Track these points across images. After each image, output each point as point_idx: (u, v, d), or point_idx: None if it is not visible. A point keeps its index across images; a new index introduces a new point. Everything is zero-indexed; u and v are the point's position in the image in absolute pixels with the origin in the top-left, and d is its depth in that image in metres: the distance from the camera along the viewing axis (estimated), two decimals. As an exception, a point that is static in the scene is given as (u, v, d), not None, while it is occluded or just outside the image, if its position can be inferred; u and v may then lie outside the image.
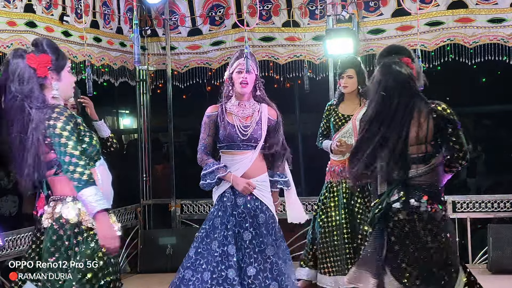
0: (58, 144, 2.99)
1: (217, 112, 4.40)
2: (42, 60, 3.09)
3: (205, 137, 4.43)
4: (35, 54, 3.10)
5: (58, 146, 2.99)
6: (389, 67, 3.62)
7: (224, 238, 4.22)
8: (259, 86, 4.43)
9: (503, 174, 8.10)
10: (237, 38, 7.19)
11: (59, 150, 2.99)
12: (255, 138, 4.29)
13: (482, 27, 6.39)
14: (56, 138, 2.99)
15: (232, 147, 4.34)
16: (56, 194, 3.16)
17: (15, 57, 3.08)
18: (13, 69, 3.06)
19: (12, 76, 3.05)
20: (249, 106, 4.37)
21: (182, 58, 7.47)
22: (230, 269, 4.11)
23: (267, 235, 4.21)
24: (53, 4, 6.10)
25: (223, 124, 4.33)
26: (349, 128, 5.36)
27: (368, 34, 6.78)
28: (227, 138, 4.33)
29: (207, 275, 4.15)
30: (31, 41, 3.22)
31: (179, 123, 7.91)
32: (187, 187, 8.61)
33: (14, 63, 3.07)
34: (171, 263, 6.74)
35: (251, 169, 4.32)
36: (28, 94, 3.04)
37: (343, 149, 5.23)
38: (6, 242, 5.47)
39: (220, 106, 4.42)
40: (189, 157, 8.85)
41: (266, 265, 4.13)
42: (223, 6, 7.24)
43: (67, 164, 2.96)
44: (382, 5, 6.72)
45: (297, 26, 7.01)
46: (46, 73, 3.10)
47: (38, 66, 3.08)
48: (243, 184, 4.25)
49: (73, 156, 2.96)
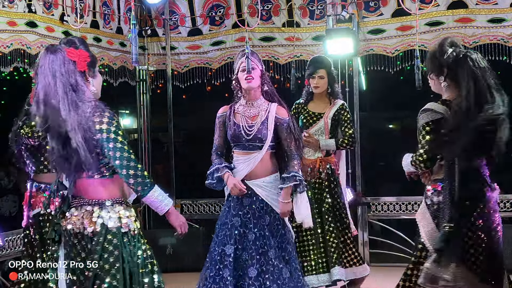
0: (113, 148, 2.93)
1: (226, 113, 4.39)
2: (82, 55, 3.04)
3: (216, 137, 4.44)
4: (74, 48, 3.04)
5: (114, 150, 2.93)
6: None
7: (224, 237, 4.22)
8: (266, 82, 4.36)
9: (503, 174, 8.10)
10: (237, 38, 7.20)
11: (114, 154, 2.92)
12: (259, 138, 4.24)
13: (482, 27, 6.39)
14: (111, 143, 2.93)
15: (239, 147, 4.32)
16: (89, 197, 3.04)
17: (52, 52, 2.99)
18: (52, 62, 2.96)
19: (53, 69, 2.95)
20: (256, 106, 4.32)
21: (182, 58, 7.47)
22: (225, 268, 4.13)
23: (271, 237, 4.18)
24: (53, 4, 6.10)
25: (230, 124, 4.33)
26: (321, 126, 5.38)
27: (368, 34, 6.78)
28: (233, 138, 4.33)
29: (209, 273, 4.19)
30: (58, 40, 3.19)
31: (179, 123, 7.92)
32: (187, 187, 8.63)
33: (52, 57, 2.97)
34: (171, 263, 6.74)
35: (257, 169, 4.27)
36: (74, 86, 2.96)
37: (310, 139, 5.26)
38: (6, 242, 5.48)
39: (230, 107, 4.41)
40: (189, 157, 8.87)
41: (268, 267, 4.12)
42: (223, 6, 7.24)
43: (125, 168, 2.92)
44: (382, 5, 6.72)
45: (297, 26, 7.02)
46: (85, 68, 3.05)
47: (79, 59, 3.02)
48: (231, 185, 4.24)
49: (131, 160, 2.93)
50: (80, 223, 3.01)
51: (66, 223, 3.04)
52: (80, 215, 3.02)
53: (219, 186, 4.39)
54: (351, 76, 6.98)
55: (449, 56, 3.58)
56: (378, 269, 6.77)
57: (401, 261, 6.83)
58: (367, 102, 7.94)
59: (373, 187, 8.11)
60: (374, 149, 8.58)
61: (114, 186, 3.07)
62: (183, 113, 8.33)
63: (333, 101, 5.43)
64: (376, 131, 9.14)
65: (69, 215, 3.05)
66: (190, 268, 6.73)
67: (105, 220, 2.98)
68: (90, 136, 2.92)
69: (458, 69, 3.54)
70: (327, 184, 5.35)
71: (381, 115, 9.03)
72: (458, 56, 3.56)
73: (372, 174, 7.95)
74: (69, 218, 3.04)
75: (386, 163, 8.34)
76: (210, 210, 7.48)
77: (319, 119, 5.40)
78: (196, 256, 6.91)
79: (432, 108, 3.53)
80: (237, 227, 4.21)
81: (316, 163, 5.34)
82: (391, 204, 6.89)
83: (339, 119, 5.40)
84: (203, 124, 9.10)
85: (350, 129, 5.39)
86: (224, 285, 4.10)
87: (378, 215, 6.96)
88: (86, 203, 3.03)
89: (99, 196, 3.03)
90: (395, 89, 7.90)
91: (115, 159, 2.93)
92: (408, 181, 3.84)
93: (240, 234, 4.20)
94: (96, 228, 2.98)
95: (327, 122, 5.37)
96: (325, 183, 5.35)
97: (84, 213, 3.01)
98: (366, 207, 6.94)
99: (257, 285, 4.08)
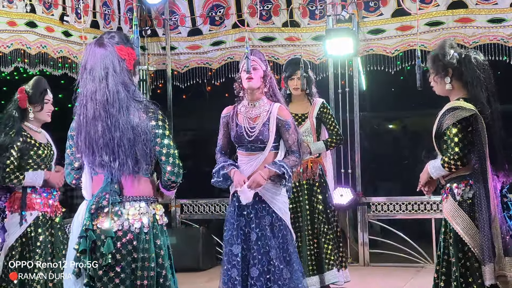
0: (167, 146, 2.95)
1: (229, 114, 4.37)
2: (131, 53, 2.99)
3: (220, 137, 4.42)
4: (124, 45, 2.98)
5: (167, 147, 2.95)
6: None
7: (231, 237, 4.22)
8: (269, 82, 4.31)
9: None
10: (237, 38, 7.20)
11: (167, 150, 2.94)
12: (261, 139, 4.21)
13: (482, 27, 6.39)
14: (166, 139, 2.94)
15: (242, 148, 4.30)
16: (131, 194, 2.97)
17: (102, 46, 2.93)
18: (105, 58, 2.90)
19: (105, 65, 2.89)
20: (258, 107, 4.28)
21: (182, 58, 7.48)
22: (233, 268, 4.14)
23: (272, 238, 4.17)
24: (53, 4, 6.11)
25: (233, 125, 4.31)
26: (308, 127, 5.39)
27: (368, 34, 6.78)
28: (236, 139, 4.31)
29: (221, 273, 4.24)
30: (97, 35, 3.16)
31: (179, 123, 7.90)
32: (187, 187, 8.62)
33: (103, 52, 2.91)
34: (171, 263, 6.73)
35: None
36: (126, 85, 2.91)
37: None
38: (6, 242, 5.46)
39: (234, 108, 4.39)
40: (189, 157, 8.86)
41: (270, 267, 4.11)
42: (223, 6, 7.24)
43: (171, 165, 2.95)
44: (382, 5, 6.72)
45: (297, 26, 7.02)
46: (132, 66, 2.99)
47: (128, 58, 2.97)
48: (237, 181, 4.21)
49: (176, 158, 2.98)
50: (125, 220, 2.94)
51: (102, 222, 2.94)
52: (126, 212, 2.96)
53: (225, 184, 4.36)
54: (351, 76, 6.98)
55: (452, 57, 3.62)
56: (378, 269, 6.78)
57: (401, 261, 6.85)
58: (367, 102, 7.93)
59: (373, 187, 8.11)
60: (374, 149, 8.57)
61: (152, 185, 3.08)
62: (183, 113, 8.30)
63: (313, 101, 5.46)
64: (376, 131, 9.13)
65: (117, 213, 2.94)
66: (190, 268, 6.74)
67: (150, 215, 2.99)
68: (141, 136, 2.89)
69: (463, 68, 3.59)
70: (318, 185, 5.36)
71: (381, 115, 9.01)
72: (461, 56, 3.61)
73: (372, 174, 7.94)
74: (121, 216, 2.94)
75: (386, 163, 8.33)
76: (210, 210, 7.49)
77: (304, 120, 5.41)
78: (196, 256, 6.92)
79: (460, 106, 3.56)
80: (241, 227, 4.21)
81: (307, 164, 5.34)
82: (391, 204, 6.89)
83: (322, 117, 5.43)
84: (203, 124, 9.13)
85: (335, 127, 5.45)
86: (232, 285, 4.11)
87: (378, 215, 6.96)
88: (127, 200, 2.97)
89: (144, 193, 3.01)
90: (395, 89, 7.89)
91: (168, 155, 2.94)
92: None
93: (245, 233, 4.20)
94: (144, 224, 2.96)
95: (312, 122, 5.40)
96: (316, 185, 5.36)
97: (130, 209, 2.97)
98: (366, 207, 6.94)
99: (258, 285, 4.08)
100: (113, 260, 2.89)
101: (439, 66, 3.67)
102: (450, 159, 3.56)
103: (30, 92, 4.52)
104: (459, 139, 3.54)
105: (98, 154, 2.91)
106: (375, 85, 7.49)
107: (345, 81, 6.97)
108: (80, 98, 2.94)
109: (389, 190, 7.97)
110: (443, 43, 3.72)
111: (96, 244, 2.91)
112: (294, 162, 4.20)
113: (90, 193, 3.02)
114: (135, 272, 2.91)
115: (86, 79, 2.91)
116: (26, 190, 4.46)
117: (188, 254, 6.87)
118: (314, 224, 5.29)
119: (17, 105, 4.50)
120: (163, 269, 2.98)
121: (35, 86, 4.55)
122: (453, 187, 3.64)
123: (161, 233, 3.04)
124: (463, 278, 3.57)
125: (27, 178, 4.38)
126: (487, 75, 3.62)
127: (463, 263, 3.57)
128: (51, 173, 4.51)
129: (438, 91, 3.76)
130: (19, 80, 7.38)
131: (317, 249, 5.26)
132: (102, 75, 2.89)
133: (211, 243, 7.27)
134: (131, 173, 2.93)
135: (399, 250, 6.88)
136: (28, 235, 4.43)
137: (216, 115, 4.52)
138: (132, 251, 2.92)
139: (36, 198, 4.49)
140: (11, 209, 4.47)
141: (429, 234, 6.62)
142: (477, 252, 3.53)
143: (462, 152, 3.53)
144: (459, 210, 3.60)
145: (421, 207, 6.75)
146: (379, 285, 6.15)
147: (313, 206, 5.32)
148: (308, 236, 5.26)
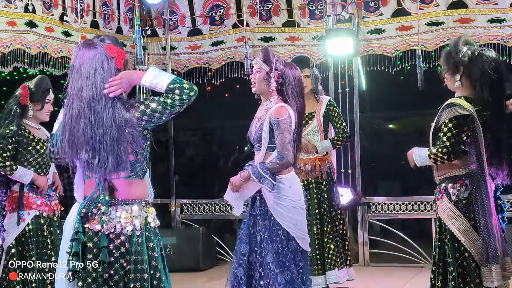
0: (157, 101, 3.04)
1: (254, 115, 4.39)
2: (120, 52, 2.99)
3: None
4: (113, 45, 2.98)
5: (158, 101, 3.04)
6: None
7: (242, 236, 4.23)
8: (275, 80, 4.20)
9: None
10: (237, 38, 7.19)
11: (162, 99, 3.06)
12: (258, 140, 4.21)
13: (482, 27, 6.39)
14: (153, 103, 3.01)
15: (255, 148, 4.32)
16: (123, 197, 2.97)
17: (91, 47, 2.92)
18: (93, 57, 2.89)
19: (94, 64, 2.88)
20: (264, 106, 4.28)
21: (182, 58, 7.48)
22: (240, 267, 4.15)
23: (270, 242, 4.15)
24: (53, 4, 6.11)
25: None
26: (315, 125, 5.39)
27: (368, 34, 6.78)
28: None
29: (230, 270, 4.25)
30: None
31: (179, 123, 7.91)
32: (187, 187, 8.63)
33: (92, 52, 2.90)
34: (171, 263, 6.72)
35: None
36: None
37: (308, 146, 5.23)
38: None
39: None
40: (189, 157, 8.86)
41: (266, 271, 4.11)
42: (223, 6, 7.24)
43: (181, 90, 3.15)
44: (382, 5, 6.72)
45: (297, 26, 7.02)
46: (122, 65, 2.99)
47: (118, 56, 2.96)
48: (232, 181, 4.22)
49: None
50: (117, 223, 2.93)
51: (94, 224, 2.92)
52: (119, 215, 2.94)
53: None
54: (351, 76, 6.98)
55: (464, 55, 3.64)
56: (378, 269, 6.78)
57: (401, 261, 6.85)
58: (367, 102, 7.93)
59: (373, 187, 8.10)
60: (374, 149, 8.58)
61: (145, 187, 3.08)
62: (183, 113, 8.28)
63: (319, 99, 5.45)
64: (376, 131, 9.13)
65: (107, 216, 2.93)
66: (190, 268, 6.75)
67: (142, 218, 2.97)
68: (129, 134, 2.89)
69: (474, 67, 3.60)
70: (325, 183, 5.36)
71: (381, 115, 9.01)
72: (474, 54, 3.63)
73: (372, 174, 7.94)
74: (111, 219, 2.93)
75: (386, 163, 8.33)
76: (210, 210, 7.48)
77: (311, 119, 5.40)
78: (196, 256, 6.93)
79: (457, 103, 3.57)
80: (250, 227, 4.22)
81: (315, 162, 5.34)
82: (391, 204, 6.88)
83: (329, 115, 5.42)
84: (203, 124, 9.13)
85: (342, 124, 5.44)
86: (237, 284, 4.12)
87: (378, 215, 6.96)
88: (124, 203, 2.96)
89: (136, 196, 3.00)
90: (395, 89, 7.88)
91: (166, 100, 3.10)
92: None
93: (251, 234, 4.21)
94: (136, 226, 2.94)
95: (320, 121, 5.39)
96: (324, 183, 5.35)
97: (121, 212, 2.95)
98: (366, 207, 6.94)
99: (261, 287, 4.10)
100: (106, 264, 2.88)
101: (450, 63, 3.69)
102: (438, 151, 3.56)
103: (33, 89, 4.54)
104: (452, 134, 3.55)
105: (80, 152, 2.87)
106: (375, 85, 7.49)
107: (345, 81, 6.97)
108: (67, 98, 2.92)
109: (389, 190, 7.97)
110: (457, 39, 3.76)
111: (87, 246, 2.89)
112: (274, 164, 4.04)
113: (82, 195, 3.01)
114: (128, 274, 2.90)
115: (74, 78, 2.90)
116: (23, 189, 4.47)
117: (188, 254, 6.88)
118: (321, 223, 5.30)
119: (18, 101, 4.51)
120: (157, 271, 2.97)
121: (38, 85, 4.56)
122: (449, 187, 3.64)
123: (154, 235, 3.02)
124: (460, 278, 3.57)
125: (18, 170, 4.41)
126: (497, 73, 3.62)
127: (460, 263, 3.58)
128: (39, 177, 4.55)
129: (449, 86, 3.80)
130: (19, 80, 7.40)
131: (322, 249, 5.27)
132: (90, 73, 2.88)
133: (211, 243, 7.28)
134: (112, 172, 2.88)
135: (399, 250, 6.88)
136: (26, 234, 4.44)
137: (216, 115, 4.51)
138: (124, 254, 2.91)
139: (33, 198, 4.49)
140: (10, 209, 4.48)
141: (429, 234, 6.61)
142: (474, 252, 3.53)
143: (452, 147, 3.53)
144: (454, 210, 3.60)
145: (421, 207, 6.75)
146: (379, 285, 6.14)
147: (320, 206, 5.33)
148: (315, 235, 5.26)
